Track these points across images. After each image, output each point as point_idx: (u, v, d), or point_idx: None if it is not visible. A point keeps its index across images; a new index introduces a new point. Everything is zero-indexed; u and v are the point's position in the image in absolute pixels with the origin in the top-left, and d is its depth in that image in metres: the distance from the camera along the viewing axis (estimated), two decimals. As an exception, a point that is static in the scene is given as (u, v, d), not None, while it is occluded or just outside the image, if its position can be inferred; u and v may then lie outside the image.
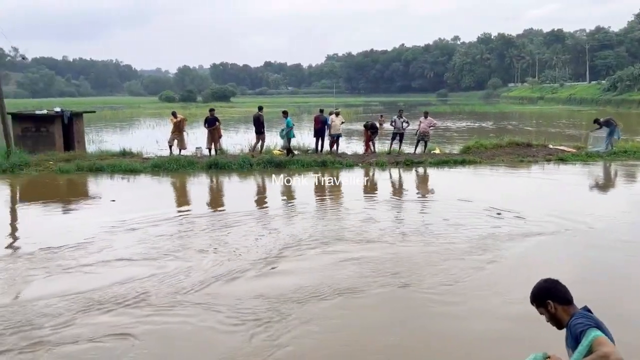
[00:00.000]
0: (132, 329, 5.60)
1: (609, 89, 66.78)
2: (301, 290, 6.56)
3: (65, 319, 5.80)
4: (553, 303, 2.72)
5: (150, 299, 6.35)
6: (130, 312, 6.01)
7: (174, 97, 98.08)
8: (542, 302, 2.75)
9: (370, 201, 12.45)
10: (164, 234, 9.19)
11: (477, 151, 18.92)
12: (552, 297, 2.73)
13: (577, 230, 9.11)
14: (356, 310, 6.12)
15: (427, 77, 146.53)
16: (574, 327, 2.59)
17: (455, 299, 6.34)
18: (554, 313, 2.73)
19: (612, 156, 18.04)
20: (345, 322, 5.81)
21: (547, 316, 2.78)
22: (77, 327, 5.64)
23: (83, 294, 6.51)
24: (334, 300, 6.32)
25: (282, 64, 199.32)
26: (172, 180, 15.20)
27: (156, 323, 5.78)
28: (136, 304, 6.21)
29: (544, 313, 2.78)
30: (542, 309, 2.77)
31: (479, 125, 36.43)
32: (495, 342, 5.39)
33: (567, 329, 2.71)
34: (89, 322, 5.77)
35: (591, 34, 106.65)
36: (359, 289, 6.61)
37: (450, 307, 6.12)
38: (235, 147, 20.18)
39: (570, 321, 2.66)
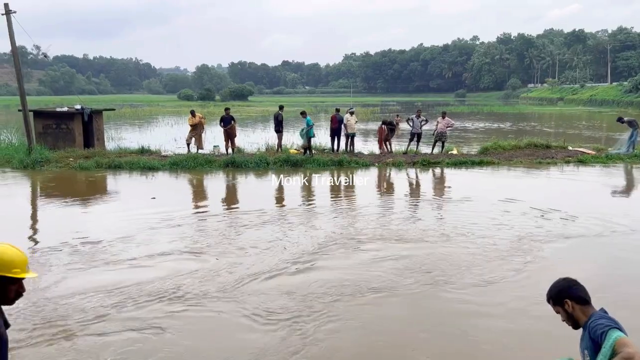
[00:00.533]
0: (166, 323, 5.67)
1: (631, 91, 65.61)
2: (337, 287, 6.59)
3: (102, 312, 5.91)
4: (571, 302, 2.70)
5: (188, 294, 6.42)
6: (165, 307, 6.08)
7: (193, 95, 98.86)
8: (559, 300, 2.73)
9: (409, 200, 12.40)
10: (206, 229, 9.39)
11: (495, 152, 18.76)
12: (570, 296, 2.71)
13: (618, 233, 9.00)
14: (391, 308, 6.12)
15: (445, 77, 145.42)
16: (594, 327, 2.55)
17: (489, 299, 6.29)
18: (571, 312, 2.70)
19: (633, 158, 17.73)
20: (379, 319, 5.82)
21: (563, 315, 2.75)
22: (113, 320, 5.74)
23: (126, 287, 6.63)
24: (368, 297, 6.34)
25: (300, 63, 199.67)
26: (205, 178, 15.33)
27: (191, 318, 5.83)
28: (176, 298, 6.31)
29: (560, 312, 2.76)
30: (559, 307, 2.75)
31: (497, 126, 36.08)
32: (529, 342, 5.35)
33: (583, 329, 2.69)
34: (126, 315, 5.87)
35: (613, 35, 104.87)
36: (395, 288, 6.62)
37: (484, 307, 6.07)
38: (252, 146, 20.29)
39: (588, 322, 2.63)
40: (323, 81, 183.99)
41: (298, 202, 12.15)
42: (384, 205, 11.74)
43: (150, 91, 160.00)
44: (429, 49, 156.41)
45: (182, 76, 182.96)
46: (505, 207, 10.85)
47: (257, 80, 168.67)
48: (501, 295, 6.40)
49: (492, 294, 6.42)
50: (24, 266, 2.37)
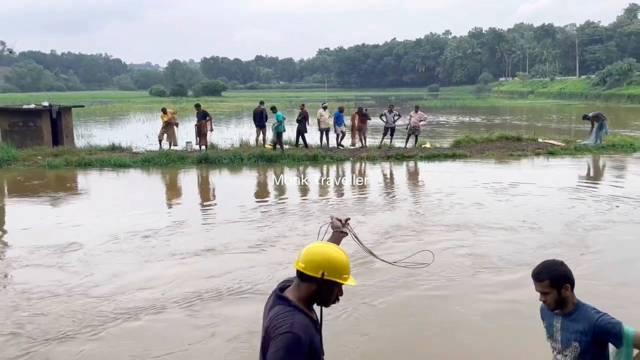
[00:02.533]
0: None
1: (599, 83, 67.18)
2: (387, 281, 6.61)
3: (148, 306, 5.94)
4: (570, 287, 2.60)
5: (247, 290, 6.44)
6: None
7: (165, 91, 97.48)
8: (560, 284, 2.57)
9: (468, 189, 12.35)
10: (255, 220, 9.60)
11: (467, 145, 19.01)
12: (572, 282, 2.60)
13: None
14: (444, 301, 6.15)
15: (418, 71, 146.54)
16: (607, 322, 2.49)
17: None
18: (566, 297, 2.60)
19: (601, 150, 18.18)
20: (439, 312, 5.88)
21: (552, 297, 2.60)
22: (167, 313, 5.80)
23: (175, 282, 6.65)
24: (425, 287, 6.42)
25: (274, 58, 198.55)
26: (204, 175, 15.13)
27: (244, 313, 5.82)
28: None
29: (549, 293, 2.60)
30: (552, 289, 2.58)
31: (470, 119, 36.57)
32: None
33: (567, 315, 2.64)
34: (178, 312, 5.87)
35: (581, 29, 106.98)
36: (452, 278, 6.70)
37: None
38: (225, 142, 20.11)
39: (589, 314, 2.57)
40: (297, 76, 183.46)
41: (370, 194, 12.20)
42: (467, 194, 11.68)
43: (121, 87, 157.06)
44: (402, 43, 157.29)
45: (153, 72, 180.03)
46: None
47: (231, 76, 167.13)
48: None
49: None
50: (349, 271, 2.30)
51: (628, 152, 18.04)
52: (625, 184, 13.02)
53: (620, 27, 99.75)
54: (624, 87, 61.05)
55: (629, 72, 62.88)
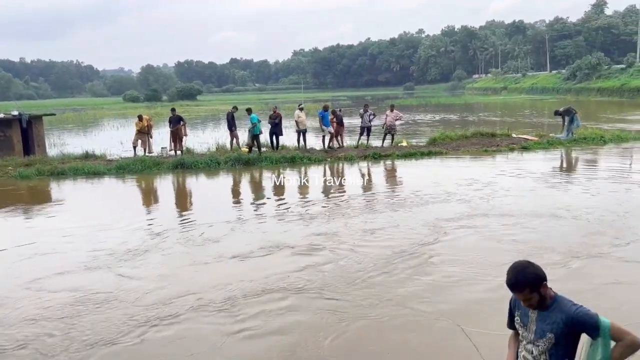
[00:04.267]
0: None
1: (569, 78, 68.54)
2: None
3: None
4: (546, 283, 2.60)
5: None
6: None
7: (139, 97, 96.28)
8: (538, 285, 2.57)
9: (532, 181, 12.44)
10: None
11: (443, 143, 19.19)
12: (545, 279, 2.60)
13: None
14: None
15: (393, 70, 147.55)
16: (584, 314, 2.51)
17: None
18: (545, 294, 2.61)
19: (573, 143, 18.54)
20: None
21: (535, 299, 2.60)
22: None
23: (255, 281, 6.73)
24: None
25: (249, 60, 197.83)
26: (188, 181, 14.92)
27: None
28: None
29: (532, 297, 2.60)
30: (533, 294, 2.58)
31: (445, 117, 36.92)
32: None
33: (544, 308, 2.65)
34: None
35: (550, 25, 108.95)
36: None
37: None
38: (202, 146, 19.94)
39: (566, 306, 2.59)
40: (273, 78, 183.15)
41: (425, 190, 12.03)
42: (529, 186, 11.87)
43: (93, 94, 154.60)
44: (377, 43, 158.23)
45: (126, 77, 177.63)
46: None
47: (205, 79, 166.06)
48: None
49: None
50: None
51: (599, 145, 18.43)
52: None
53: (588, 22, 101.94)
54: (593, 81, 62.40)
55: (598, 66, 64.29)
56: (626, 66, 60.66)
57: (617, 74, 60.56)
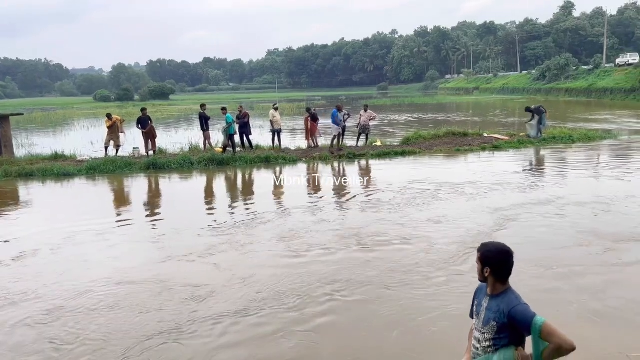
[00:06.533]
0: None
1: (539, 78, 69.98)
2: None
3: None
4: (491, 272, 2.73)
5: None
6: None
7: (110, 96, 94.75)
8: (484, 263, 2.75)
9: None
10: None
11: (416, 142, 19.39)
12: (492, 268, 2.72)
13: None
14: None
15: (367, 70, 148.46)
16: (521, 312, 2.61)
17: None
18: (487, 277, 2.76)
19: (542, 142, 18.93)
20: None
21: (479, 269, 2.80)
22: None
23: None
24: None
25: (222, 59, 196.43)
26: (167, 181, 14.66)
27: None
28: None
29: (478, 265, 2.79)
30: (479, 262, 2.78)
31: (419, 116, 37.29)
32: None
33: (495, 297, 2.75)
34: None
35: (520, 26, 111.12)
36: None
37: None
38: (174, 146, 19.72)
39: (511, 300, 2.67)
40: (247, 77, 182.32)
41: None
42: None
43: (63, 93, 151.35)
44: (351, 43, 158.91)
45: (97, 76, 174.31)
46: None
47: (178, 78, 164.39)
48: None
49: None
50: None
51: (568, 144, 18.86)
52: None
53: (556, 24, 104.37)
54: (562, 81, 63.84)
55: (566, 67, 65.80)
56: (593, 67, 62.22)
57: (584, 75, 62.08)
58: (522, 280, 6.49)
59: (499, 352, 2.72)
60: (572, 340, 2.51)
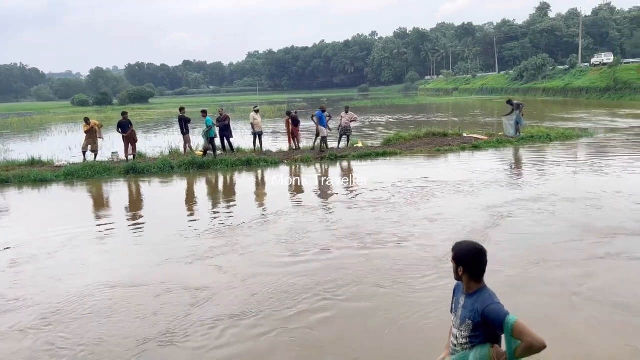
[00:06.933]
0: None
1: (517, 78, 71.01)
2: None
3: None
4: (464, 270, 2.77)
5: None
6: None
7: (88, 100, 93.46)
8: (457, 262, 2.79)
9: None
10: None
11: (397, 143, 19.50)
12: (466, 267, 2.76)
13: None
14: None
15: (348, 72, 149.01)
16: (494, 311, 2.63)
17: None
18: (461, 277, 2.79)
19: (521, 141, 19.18)
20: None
21: (454, 268, 2.83)
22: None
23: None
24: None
25: (202, 62, 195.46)
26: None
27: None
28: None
29: (453, 263, 2.83)
30: (453, 262, 2.82)
31: (399, 117, 37.50)
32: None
33: (469, 296, 2.78)
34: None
35: (498, 27, 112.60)
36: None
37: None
38: (154, 150, 19.52)
39: (485, 299, 2.70)
40: (227, 80, 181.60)
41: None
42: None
43: (39, 98, 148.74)
44: (331, 45, 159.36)
45: (75, 81, 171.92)
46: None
47: (158, 82, 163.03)
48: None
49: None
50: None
51: (546, 142, 19.13)
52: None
53: (533, 25, 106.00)
54: (539, 81, 64.88)
55: (543, 67, 66.89)
56: (569, 67, 63.37)
57: (561, 75, 63.17)
58: (515, 274, 6.63)
59: (475, 349, 2.75)
60: (543, 338, 2.54)
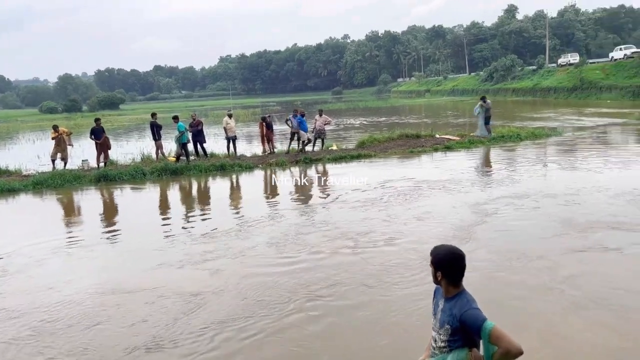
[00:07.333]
0: None
1: (487, 80, 72.17)
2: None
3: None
4: (443, 275, 2.77)
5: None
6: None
7: (57, 107, 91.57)
8: (436, 267, 2.78)
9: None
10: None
11: (371, 145, 19.59)
12: (444, 272, 2.76)
13: None
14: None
15: (321, 75, 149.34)
16: (472, 317, 2.64)
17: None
18: (440, 281, 2.80)
19: (492, 141, 19.48)
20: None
21: (432, 272, 2.82)
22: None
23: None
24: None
25: (174, 67, 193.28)
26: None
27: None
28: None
29: (431, 268, 2.82)
30: (432, 266, 2.81)
31: (373, 120, 37.71)
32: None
33: (448, 300, 2.79)
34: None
35: (468, 29, 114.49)
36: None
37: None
38: (126, 157, 19.22)
39: (463, 304, 2.71)
40: (200, 85, 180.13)
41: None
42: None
43: (5, 106, 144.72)
44: (304, 48, 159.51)
45: (42, 87, 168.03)
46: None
47: (129, 87, 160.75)
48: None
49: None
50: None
51: (516, 142, 19.47)
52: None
53: (501, 27, 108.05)
54: (508, 81, 66.07)
55: (512, 68, 68.18)
56: (537, 67, 64.72)
57: (529, 75, 64.46)
58: (500, 270, 6.77)
59: (452, 353, 2.76)
60: (520, 344, 2.56)
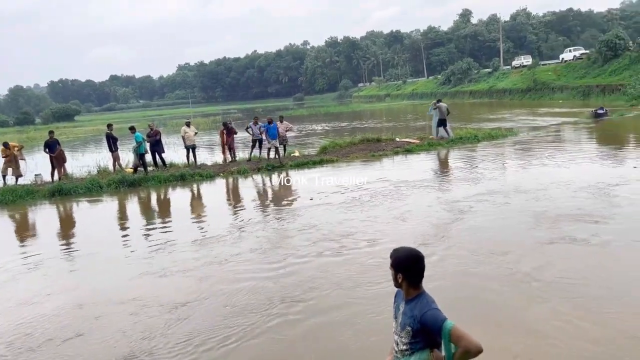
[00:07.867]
0: None
1: (444, 83, 73.62)
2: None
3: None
4: (403, 277, 2.76)
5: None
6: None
7: (7, 121, 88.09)
8: (396, 270, 2.77)
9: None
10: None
11: (333, 150, 19.62)
12: (404, 274, 2.75)
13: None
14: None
15: (282, 82, 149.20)
16: (432, 317, 2.64)
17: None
18: (400, 284, 2.79)
19: (451, 143, 19.79)
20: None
21: (393, 275, 2.81)
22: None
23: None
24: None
25: (130, 76, 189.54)
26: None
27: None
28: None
29: (391, 271, 2.81)
30: (392, 269, 2.80)
31: (335, 125, 37.84)
32: None
33: (407, 302, 2.78)
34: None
35: (425, 34, 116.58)
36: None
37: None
38: (82, 170, 18.63)
39: (423, 305, 2.70)
40: (158, 94, 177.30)
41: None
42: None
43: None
44: (263, 55, 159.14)
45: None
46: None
47: (84, 98, 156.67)
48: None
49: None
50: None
51: (474, 143, 19.85)
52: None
53: (457, 31, 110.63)
54: (465, 84, 67.58)
55: (469, 71, 69.78)
56: (492, 70, 66.42)
57: (485, 78, 66.08)
58: (483, 266, 6.89)
59: (414, 355, 2.74)
60: (480, 342, 2.56)
